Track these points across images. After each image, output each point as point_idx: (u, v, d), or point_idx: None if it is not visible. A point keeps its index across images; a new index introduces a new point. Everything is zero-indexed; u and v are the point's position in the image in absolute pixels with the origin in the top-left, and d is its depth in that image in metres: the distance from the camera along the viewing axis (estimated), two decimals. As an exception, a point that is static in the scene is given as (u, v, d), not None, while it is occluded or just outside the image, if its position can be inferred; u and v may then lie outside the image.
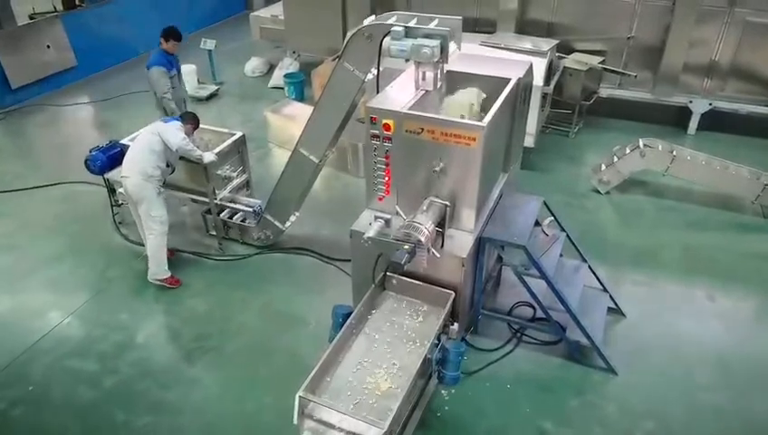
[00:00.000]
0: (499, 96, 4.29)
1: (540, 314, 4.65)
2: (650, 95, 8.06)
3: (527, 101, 5.08)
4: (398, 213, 4.05)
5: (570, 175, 7.28)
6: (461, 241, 4.21)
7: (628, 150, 6.65)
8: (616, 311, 5.13)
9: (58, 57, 9.69)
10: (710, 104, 7.89)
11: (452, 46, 4.09)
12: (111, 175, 5.88)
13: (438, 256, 3.96)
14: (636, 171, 6.70)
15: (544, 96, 7.10)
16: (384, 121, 4.05)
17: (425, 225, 3.86)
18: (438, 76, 4.25)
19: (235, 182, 5.93)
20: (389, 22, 4.24)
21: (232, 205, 5.87)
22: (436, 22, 4.25)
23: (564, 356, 4.71)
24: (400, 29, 4.00)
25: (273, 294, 5.43)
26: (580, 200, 6.80)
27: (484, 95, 4.49)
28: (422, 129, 3.98)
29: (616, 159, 6.72)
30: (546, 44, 6.93)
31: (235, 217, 5.87)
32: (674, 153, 6.43)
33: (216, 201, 5.74)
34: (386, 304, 4.26)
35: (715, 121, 8.05)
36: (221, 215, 5.87)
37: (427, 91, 4.31)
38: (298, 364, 4.57)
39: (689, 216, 6.48)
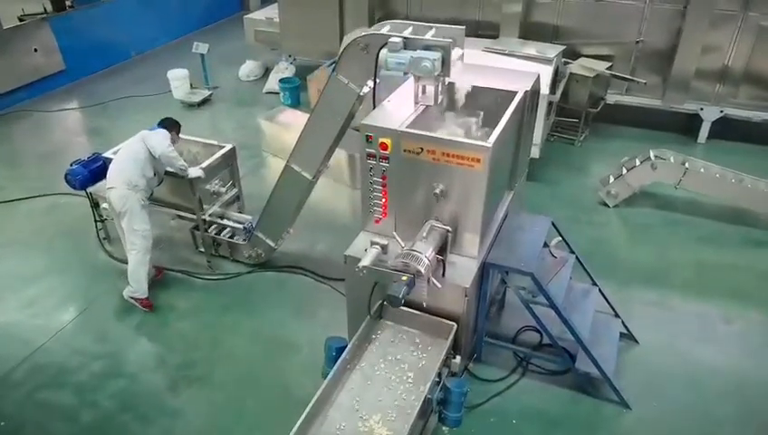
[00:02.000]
0: (505, 110, 4.00)
1: (547, 340, 4.36)
2: (659, 102, 7.74)
3: (534, 111, 4.78)
4: (395, 240, 3.74)
5: (576, 187, 6.97)
6: (463, 269, 3.91)
7: (638, 162, 6.35)
8: (627, 336, 4.83)
9: (45, 61, 9.36)
10: (721, 112, 7.58)
11: (455, 53, 3.78)
12: (95, 189, 5.59)
13: (440, 286, 3.66)
14: (646, 184, 6.38)
15: (550, 104, 6.80)
16: (381, 140, 3.75)
17: (424, 253, 3.56)
18: (439, 89, 3.95)
19: (225, 197, 5.62)
20: (385, 32, 3.94)
21: (221, 221, 5.56)
22: (433, 31, 3.94)
23: (573, 387, 4.41)
24: (398, 40, 3.69)
25: (263, 316, 5.13)
26: (588, 215, 6.49)
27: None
28: (422, 148, 3.68)
29: (625, 171, 6.41)
30: (552, 50, 6.62)
31: (223, 232, 5.57)
32: (686, 165, 6.12)
33: (204, 217, 5.44)
34: (383, 336, 3.96)
35: (727, 130, 7.74)
36: (209, 231, 5.56)
37: (427, 106, 4.01)
38: (289, 397, 4.31)
39: (701, 231, 6.17)
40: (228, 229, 5.58)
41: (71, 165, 5.46)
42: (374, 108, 4.03)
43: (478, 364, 4.59)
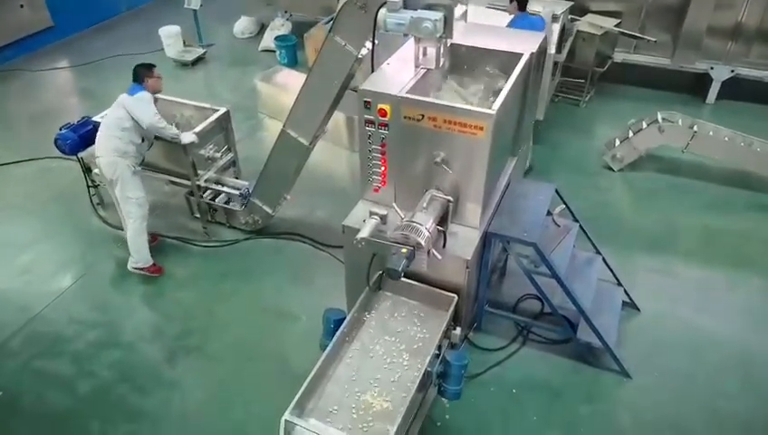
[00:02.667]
0: (510, 74, 3.81)
1: (548, 308, 4.29)
2: (669, 61, 7.47)
3: (540, 73, 4.59)
4: (395, 211, 3.62)
5: (580, 149, 6.80)
6: (465, 240, 3.80)
7: (644, 125, 6.16)
8: (629, 305, 4.76)
9: (32, 17, 9.01)
10: (732, 71, 7.33)
11: (458, 11, 3.57)
12: (86, 154, 5.44)
13: (440, 257, 3.55)
14: (653, 148, 6.22)
15: (555, 64, 6.56)
16: (379, 106, 3.58)
17: (425, 225, 3.44)
18: (441, 52, 3.75)
19: (221, 163, 5.47)
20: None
21: (216, 187, 5.43)
22: (437, -11, 3.71)
23: (574, 357, 4.37)
24: (398, 0, 3.47)
25: (261, 284, 5.06)
26: (592, 179, 6.35)
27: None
28: (422, 115, 3.52)
29: (631, 133, 6.23)
30: (559, 7, 6.32)
31: (219, 198, 5.44)
32: (695, 129, 5.94)
33: (198, 183, 5.30)
34: (382, 307, 3.89)
35: (737, 90, 7.50)
36: (205, 197, 5.43)
37: (428, 69, 3.82)
38: (287, 368, 4.28)
39: (708, 196, 6.04)
40: (224, 195, 5.45)
41: (60, 129, 5.30)
42: (372, 71, 3.84)
43: (478, 333, 4.55)
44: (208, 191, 5.44)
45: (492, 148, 3.50)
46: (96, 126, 5.17)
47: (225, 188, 5.42)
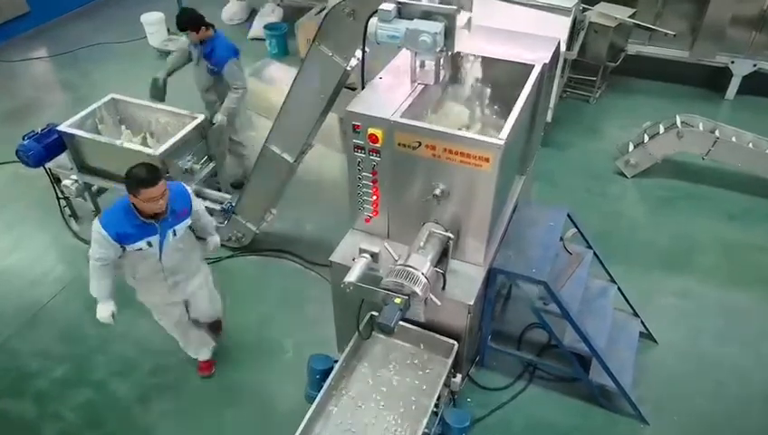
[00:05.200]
0: (519, 89, 3.34)
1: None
2: (687, 54, 6.93)
3: (552, 80, 4.12)
4: (387, 250, 3.19)
5: (590, 152, 6.33)
6: (467, 280, 3.37)
7: (662, 129, 5.67)
8: (646, 335, 4.36)
9: (6, 2, 8.42)
10: (755, 65, 6.81)
11: (461, 18, 3.07)
12: (54, 164, 5.00)
13: (439, 303, 3.14)
14: (670, 154, 5.74)
15: (565, 61, 6.05)
16: (370, 131, 3.12)
17: (421, 269, 3.02)
18: (441, 65, 3.28)
19: (201, 175, 5.01)
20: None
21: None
22: (436, -9, 3.22)
23: (585, 397, 3.98)
24: (391, 6, 2.98)
25: (245, 310, 4.65)
26: (603, 185, 5.89)
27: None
28: (419, 143, 3.06)
29: (647, 138, 5.75)
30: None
31: (200, 213, 4.99)
32: (717, 134, 5.45)
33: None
34: (374, 353, 3.49)
35: (759, 85, 6.97)
36: (185, 211, 4.98)
37: (426, 85, 3.35)
38: (271, 410, 3.92)
39: (730, 206, 5.58)
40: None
41: (23, 138, 4.82)
42: (362, 87, 3.37)
43: (481, 369, 4.16)
44: (188, 205, 4.98)
45: (499, 180, 3.05)
46: (61, 135, 4.74)
47: (205, 203, 4.95)
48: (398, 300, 2.95)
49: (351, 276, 3.12)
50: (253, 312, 4.63)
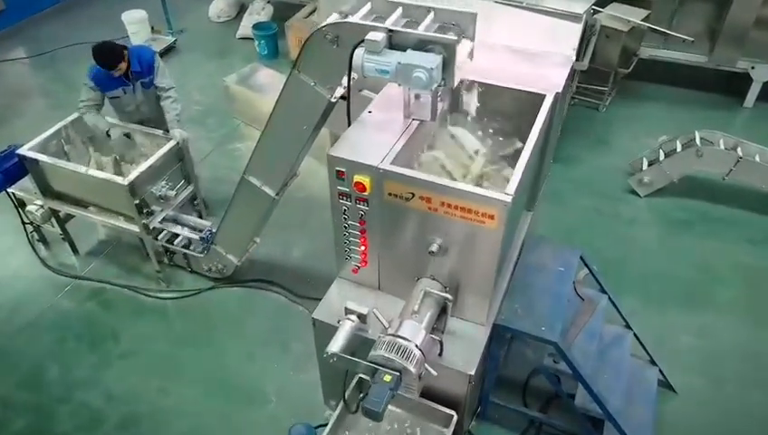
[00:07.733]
0: (529, 120, 2.91)
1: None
2: (705, 58, 6.45)
3: (564, 105, 3.69)
4: (376, 317, 2.78)
5: (600, 167, 5.89)
6: (467, 343, 2.96)
7: (679, 146, 5.24)
8: (663, 383, 3.97)
9: (-21, -1, 7.97)
10: (777, 71, 6.35)
11: (463, 49, 2.64)
12: (17, 188, 4.59)
13: (435, 374, 2.73)
14: (687, 174, 5.30)
15: (574, 71, 5.57)
16: (356, 179, 2.70)
17: (415, 340, 2.61)
18: (438, 99, 2.85)
19: (177, 201, 4.59)
20: (361, 16, 2.78)
21: (173, 229, 4.55)
22: (432, 16, 2.78)
23: (598, 458, 3.61)
24: (380, 37, 2.54)
25: (226, 351, 4.27)
26: (614, 205, 5.46)
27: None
28: (412, 194, 2.64)
29: (662, 155, 5.31)
30: (581, 3, 5.29)
31: (176, 241, 4.57)
32: (739, 152, 5.02)
33: (149, 224, 4.41)
34: (363, 423, 3.10)
35: (780, 92, 6.54)
36: (160, 238, 4.57)
37: (421, 121, 2.92)
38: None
39: (752, 231, 5.15)
40: (182, 238, 4.59)
41: (-20, 162, 4.41)
42: (349, 124, 2.94)
43: (482, 423, 3.78)
44: (163, 232, 4.57)
45: (505, 237, 2.64)
46: (22, 158, 4.32)
47: (183, 231, 4.55)
48: (387, 377, 2.55)
49: (334, 346, 2.72)
50: (234, 353, 4.25)
